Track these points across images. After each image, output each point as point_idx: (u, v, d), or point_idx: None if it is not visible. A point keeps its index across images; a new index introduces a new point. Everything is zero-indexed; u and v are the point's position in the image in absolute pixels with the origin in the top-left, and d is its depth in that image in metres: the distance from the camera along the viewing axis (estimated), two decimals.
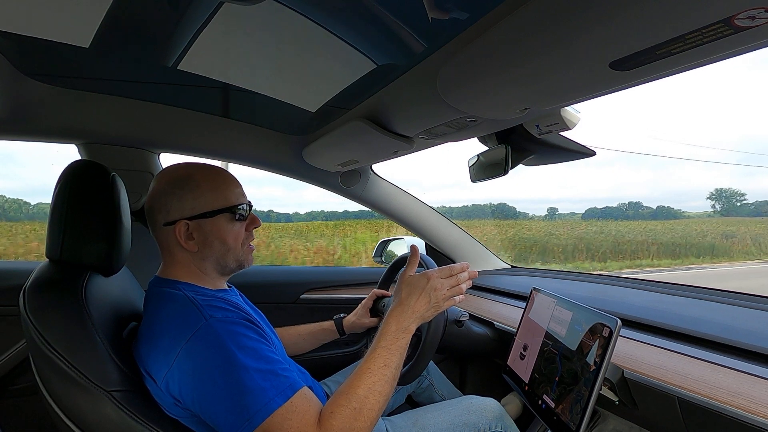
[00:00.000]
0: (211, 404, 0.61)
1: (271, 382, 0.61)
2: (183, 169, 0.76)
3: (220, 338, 0.62)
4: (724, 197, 23.76)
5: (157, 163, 1.27)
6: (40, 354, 0.64)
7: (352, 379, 0.66)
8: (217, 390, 0.60)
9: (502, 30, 0.52)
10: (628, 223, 13.38)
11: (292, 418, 0.59)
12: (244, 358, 0.61)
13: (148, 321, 0.70)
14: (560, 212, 16.35)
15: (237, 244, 0.77)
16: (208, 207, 0.73)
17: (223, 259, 0.76)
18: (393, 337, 0.72)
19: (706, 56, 0.45)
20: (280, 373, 0.62)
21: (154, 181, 0.76)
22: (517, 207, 20.24)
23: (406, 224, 1.62)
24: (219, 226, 0.74)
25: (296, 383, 0.63)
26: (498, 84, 0.63)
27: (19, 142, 1.14)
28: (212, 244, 0.74)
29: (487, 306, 1.31)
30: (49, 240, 0.73)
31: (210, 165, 0.78)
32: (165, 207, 0.73)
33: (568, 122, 0.85)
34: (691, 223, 14.08)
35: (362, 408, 0.63)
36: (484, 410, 0.95)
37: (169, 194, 0.73)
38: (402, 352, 0.72)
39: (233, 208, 0.75)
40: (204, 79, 0.97)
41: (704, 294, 1.02)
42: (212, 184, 0.75)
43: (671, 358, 0.74)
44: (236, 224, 0.76)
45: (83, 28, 0.74)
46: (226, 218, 0.75)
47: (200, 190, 0.73)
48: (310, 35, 0.75)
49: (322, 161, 1.34)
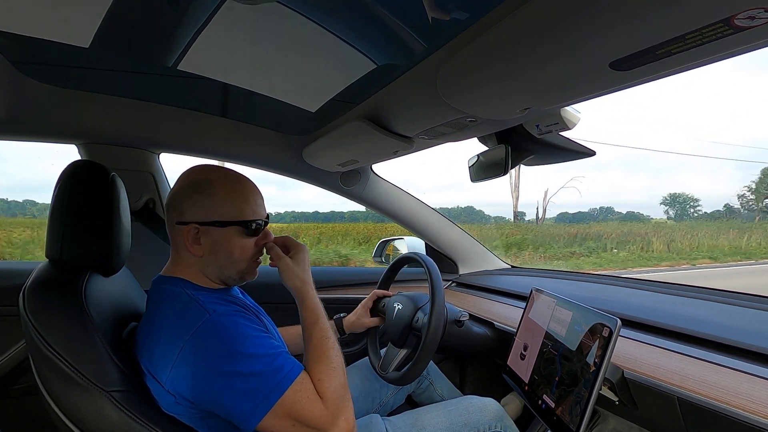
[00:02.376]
0: (222, 395, 0.61)
1: (279, 363, 0.64)
2: (204, 172, 0.75)
3: (224, 330, 0.64)
4: (677, 203, 23.34)
5: (157, 163, 1.27)
6: (39, 354, 0.64)
7: (316, 349, 0.71)
8: (226, 380, 0.61)
9: (502, 30, 0.52)
10: (569, 226, 13.87)
11: (302, 391, 0.63)
12: (249, 346, 0.63)
13: (150, 319, 0.71)
14: (530, 216, 16.67)
15: (243, 258, 0.75)
16: (222, 217, 0.72)
17: (226, 270, 0.75)
18: (318, 306, 0.77)
19: (706, 56, 0.45)
20: (285, 356, 0.66)
21: (178, 179, 0.76)
22: (485, 210, 20.47)
23: (406, 224, 1.62)
24: (228, 238, 0.73)
25: (298, 365, 0.67)
26: (498, 84, 0.63)
27: (19, 142, 1.14)
28: (217, 253, 0.73)
29: (487, 306, 1.31)
30: (48, 240, 0.73)
31: (234, 172, 0.76)
32: (180, 207, 0.73)
33: (568, 122, 0.85)
34: (597, 225, 14.54)
35: (338, 364, 0.70)
36: (484, 410, 0.95)
37: (186, 196, 0.73)
38: (319, 304, 0.77)
39: (247, 222, 0.73)
40: (204, 79, 0.97)
41: (704, 294, 1.02)
42: (231, 194, 0.73)
43: (671, 358, 0.74)
44: (246, 239, 0.75)
45: (83, 28, 0.74)
46: (237, 231, 0.73)
47: (217, 198, 0.72)
48: (310, 35, 0.75)
49: (322, 161, 1.34)
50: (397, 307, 1.10)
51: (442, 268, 1.35)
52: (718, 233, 12.88)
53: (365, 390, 1.11)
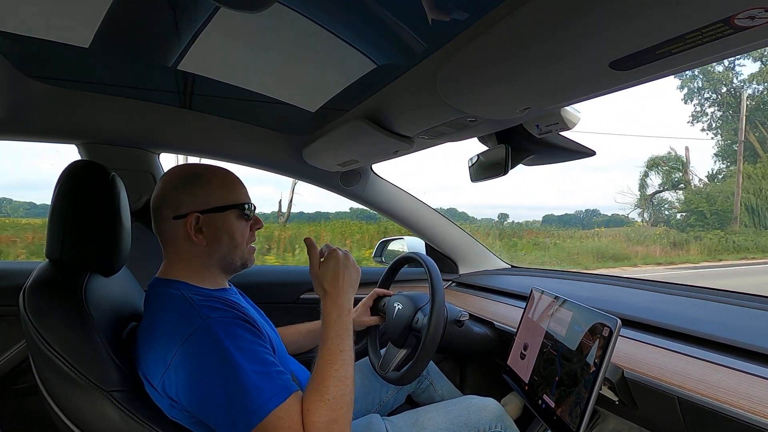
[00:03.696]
0: (207, 404, 0.61)
1: (267, 383, 0.61)
2: (192, 168, 0.78)
3: (216, 338, 0.62)
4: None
5: (157, 163, 1.27)
6: (39, 354, 0.64)
7: (316, 374, 0.68)
8: (213, 390, 0.60)
9: (502, 30, 0.52)
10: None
11: (285, 419, 0.60)
12: (241, 358, 0.61)
13: (147, 323, 0.71)
14: (515, 219, 16.46)
15: (243, 241, 0.79)
16: (220, 202, 0.75)
17: (230, 256, 0.77)
18: (338, 323, 0.73)
19: (706, 56, 0.45)
20: (275, 376, 0.63)
21: (162, 179, 0.77)
22: (469, 212, 20.14)
23: (406, 224, 1.62)
24: (229, 222, 0.76)
25: (291, 385, 0.64)
26: (498, 84, 0.63)
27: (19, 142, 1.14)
28: (221, 239, 0.75)
29: (487, 306, 1.31)
30: (49, 240, 0.73)
31: (217, 165, 0.81)
32: (175, 201, 0.74)
33: (568, 122, 0.85)
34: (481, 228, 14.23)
35: (335, 397, 0.65)
36: (484, 410, 0.95)
37: (181, 189, 0.75)
38: (350, 332, 0.74)
39: (242, 205, 0.78)
40: (204, 79, 0.97)
41: (704, 294, 1.02)
42: (223, 181, 0.77)
43: (671, 358, 0.74)
44: (243, 222, 0.79)
45: (83, 28, 0.75)
46: (235, 215, 0.77)
47: (211, 187, 0.76)
48: (310, 35, 0.75)
49: (322, 161, 1.34)
50: (397, 306, 1.10)
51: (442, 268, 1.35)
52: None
53: (365, 390, 1.11)
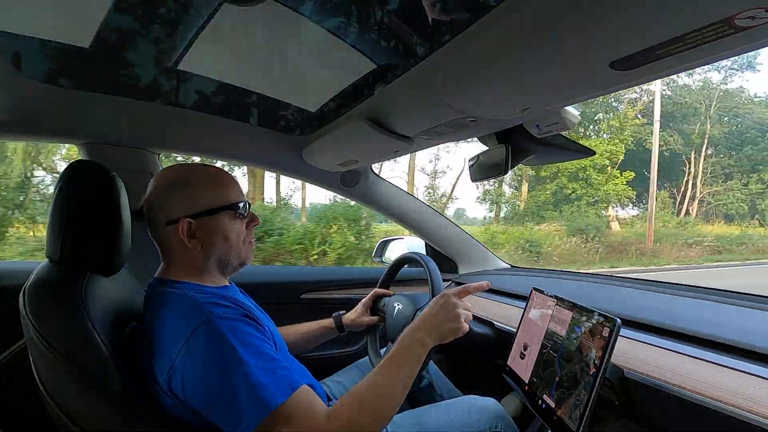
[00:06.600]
0: (212, 401, 0.61)
1: (272, 379, 0.61)
2: (179, 170, 0.77)
3: (221, 334, 0.62)
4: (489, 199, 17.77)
5: (157, 163, 1.27)
6: (39, 354, 0.64)
7: (360, 382, 0.68)
8: (218, 386, 0.60)
9: (502, 30, 0.53)
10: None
11: (294, 416, 0.60)
12: (245, 354, 0.61)
13: (149, 322, 0.71)
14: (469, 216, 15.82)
15: (239, 242, 0.78)
16: (209, 205, 0.74)
17: (226, 257, 0.77)
18: (405, 345, 0.74)
19: (706, 56, 0.45)
20: (279, 372, 0.63)
21: (152, 183, 0.77)
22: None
23: (406, 224, 1.62)
24: (221, 224, 0.75)
25: (296, 381, 0.64)
26: (498, 84, 0.63)
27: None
28: (215, 242, 0.75)
29: (487, 306, 1.31)
30: (49, 240, 0.73)
31: (206, 165, 0.80)
32: (166, 206, 0.73)
33: (568, 122, 0.85)
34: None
35: (364, 406, 0.64)
36: (484, 410, 0.95)
37: (169, 194, 0.74)
38: (415, 363, 0.73)
39: (234, 206, 0.77)
40: (204, 78, 0.97)
41: (705, 294, 1.02)
42: (211, 182, 0.76)
43: (671, 357, 0.74)
44: (238, 222, 0.78)
45: (83, 28, 0.75)
46: (227, 216, 0.76)
47: (199, 190, 0.74)
48: (310, 35, 0.75)
49: (322, 161, 1.34)
50: (397, 306, 1.10)
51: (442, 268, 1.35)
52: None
53: None
